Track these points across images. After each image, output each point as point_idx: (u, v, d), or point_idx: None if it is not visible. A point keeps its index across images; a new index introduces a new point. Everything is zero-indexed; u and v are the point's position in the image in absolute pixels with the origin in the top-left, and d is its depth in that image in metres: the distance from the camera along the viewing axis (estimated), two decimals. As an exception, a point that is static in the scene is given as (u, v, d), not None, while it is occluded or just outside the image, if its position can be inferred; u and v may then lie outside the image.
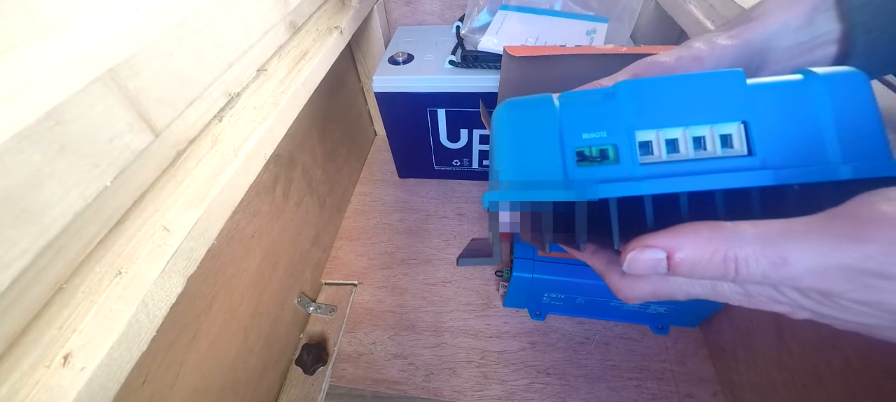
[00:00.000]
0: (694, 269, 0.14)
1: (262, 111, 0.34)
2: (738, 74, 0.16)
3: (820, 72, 0.16)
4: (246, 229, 0.40)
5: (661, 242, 0.14)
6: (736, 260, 0.13)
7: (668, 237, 0.14)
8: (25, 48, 0.21)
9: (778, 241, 0.13)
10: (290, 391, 0.48)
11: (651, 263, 0.14)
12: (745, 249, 0.13)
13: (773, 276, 0.13)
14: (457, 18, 0.62)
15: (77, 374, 0.19)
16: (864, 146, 0.15)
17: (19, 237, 0.19)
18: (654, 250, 0.14)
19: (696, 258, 0.14)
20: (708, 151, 0.16)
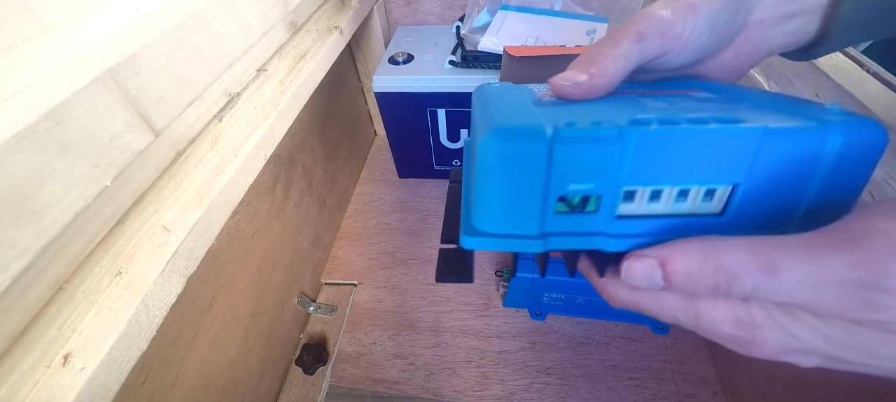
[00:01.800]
0: (688, 280, 0.14)
1: (263, 111, 0.34)
2: (758, 131, 0.14)
3: (836, 121, 0.14)
4: (246, 229, 0.40)
5: (654, 252, 0.15)
6: (726, 269, 0.13)
7: (660, 248, 0.15)
8: (25, 48, 0.21)
9: (768, 250, 0.13)
10: (290, 391, 0.48)
11: (646, 272, 0.15)
12: (734, 257, 0.13)
13: (764, 287, 0.13)
14: (457, 18, 0.62)
15: (77, 374, 0.19)
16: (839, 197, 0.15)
17: (19, 237, 0.19)
18: (648, 260, 0.15)
19: (689, 268, 0.14)
20: (687, 205, 0.15)
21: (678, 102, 0.17)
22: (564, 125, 0.15)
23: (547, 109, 0.17)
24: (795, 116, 0.15)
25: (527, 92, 0.20)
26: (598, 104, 0.18)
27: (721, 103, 0.17)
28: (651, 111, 0.16)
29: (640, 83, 0.21)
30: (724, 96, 0.18)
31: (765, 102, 0.17)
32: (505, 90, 0.20)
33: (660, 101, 0.17)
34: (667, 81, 0.21)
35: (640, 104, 0.17)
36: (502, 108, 0.18)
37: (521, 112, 0.17)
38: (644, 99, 0.18)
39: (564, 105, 0.18)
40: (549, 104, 0.18)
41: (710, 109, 0.16)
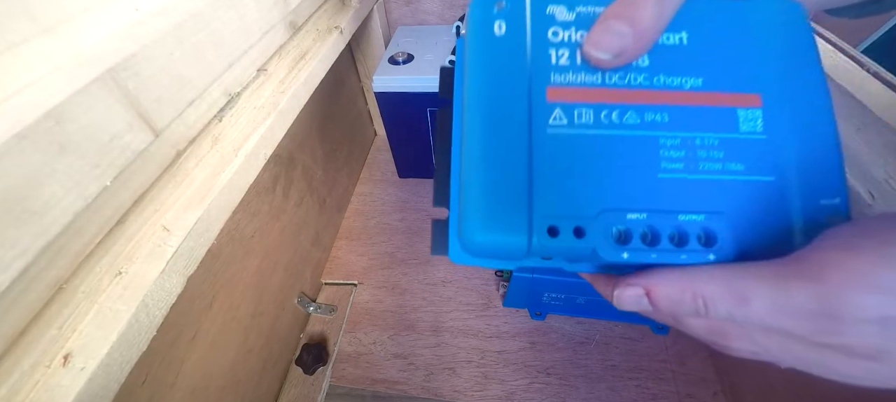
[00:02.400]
0: (671, 305, 0.15)
1: (263, 111, 0.34)
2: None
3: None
4: (246, 229, 0.40)
5: (640, 281, 0.16)
6: (703, 297, 0.14)
7: (645, 278, 0.16)
8: (25, 48, 0.21)
9: (738, 281, 0.14)
10: (290, 391, 0.48)
11: (635, 299, 0.16)
12: (710, 287, 0.14)
13: (737, 314, 0.14)
14: (457, 18, 0.62)
15: (77, 374, 0.19)
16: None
17: (19, 237, 0.19)
18: (636, 288, 0.16)
19: (671, 296, 0.15)
20: (679, 246, 0.16)
21: (695, 151, 0.17)
22: (546, 232, 0.16)
23: (543, 158, 0.17)
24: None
25: (534, 77, 0.18)
26: (609, 158, 0.17)
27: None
28: (667, 168, 0.17)
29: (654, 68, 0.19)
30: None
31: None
32: (501, 76, 0.18)
33: (679, 147, 0.17)
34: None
35: (656, 159, 0.17)
36: (490, 131, 0.17)
37: (509, 166, 0.17)
38: (662, 148, 0.17)
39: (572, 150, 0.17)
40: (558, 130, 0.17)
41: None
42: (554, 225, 0.16)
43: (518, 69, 0.17)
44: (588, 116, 0.17)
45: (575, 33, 0.18)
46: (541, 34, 0.18)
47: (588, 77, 0.17)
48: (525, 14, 0.18)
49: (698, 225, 0.16)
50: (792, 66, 0.17)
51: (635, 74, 0.17)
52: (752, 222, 0.16)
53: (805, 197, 0.16)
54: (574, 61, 0.18)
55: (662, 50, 0.18)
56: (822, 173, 0.16)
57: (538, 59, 0.18)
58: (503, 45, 0.18)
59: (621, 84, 0.17)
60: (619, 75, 0.17)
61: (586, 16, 0.18)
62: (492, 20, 0.18)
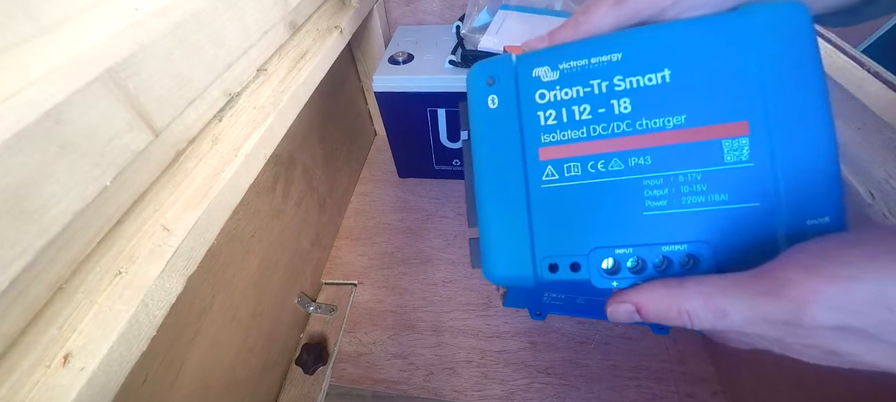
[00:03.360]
0: (659, 317, 0.17)
1: (262, 111, 0.34)
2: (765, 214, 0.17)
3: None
4: (246, 229, 0.40)
5: (630, 297, 0.18)
6: (687, 313, 0.16)
7: (634, 294, 0.18)
8: (25, 48, 0.21)
9: (716, 297, 0.16)
10: (290, 391, 0.48)
11: (626, 313, 0.18)
12: (692, 303, 0.16)
13: (719, 325, 0.16)
14: (457, 18, 0.62)
15: (77, 374, 0.19)
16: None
17: (19, 237, 0.19)
18: (626, 304, 0.18)
19: (658, 311, 0.17)
20: (663, 272, 0.18)
21: (678, 187, 0.18)
22: (548, 268, 0.19)
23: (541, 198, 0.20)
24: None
25: (526, 132, 0.20)
26: (598, 200, 0.19)
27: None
28: (651, 206, 0.18)
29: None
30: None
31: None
32: (493, 138, 0.21)
33: (662, 186, 0.18)
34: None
35: (640, 199, 0.18)
36: (490, 186, 0.20)
37: (508, 210, 0.20)
38: (646, 189, 0.18)
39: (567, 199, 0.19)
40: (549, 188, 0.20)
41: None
42: (554, 263, 0.19)
43: (513, 136, 0.20)
44: (576, 168, 0.19)
45: (560, 92, 0.19)
46: (529, 99, 0.20)
47: (575, 133, 0.19)
48: (514, 82, 0.20)
49: (681, 253, 0.18)
50: (790, 77, 0.17)
51: (618, 121, 0.18)
52: (734, 244, 0.17)
53: (791, 218, 0.17)
54: (560, 120, 0.19)
55: (645, 92, 0.18)
56: (814, 193, 0.17)
57: (529, 124, 0.20)
58: (498, 116, 0.20)
59: (606, 134, 0.19)
60: (603, 126, 0.19)
61: (570, 72, 0.19)
62: (485, 96, 0.20)
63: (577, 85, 0.19)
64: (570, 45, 0.20)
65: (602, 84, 0.19)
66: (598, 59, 0.19)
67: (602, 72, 0.19)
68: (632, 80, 0.18)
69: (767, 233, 0.17)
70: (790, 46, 0.17)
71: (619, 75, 0.18)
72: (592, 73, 0.19)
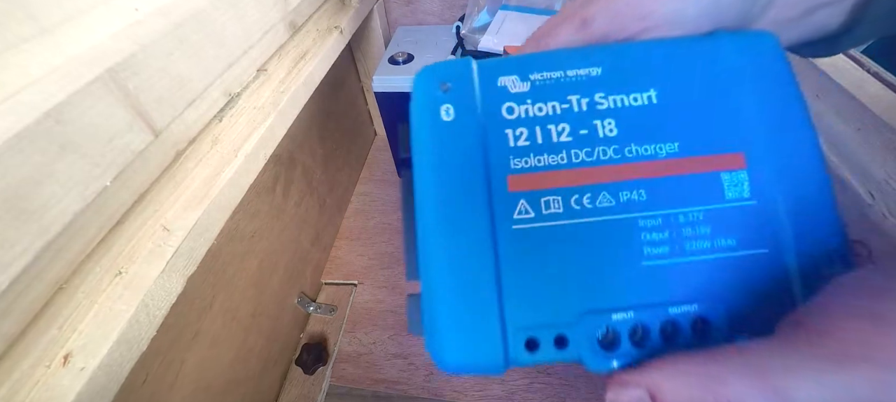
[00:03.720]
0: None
1: (262, 111, 0.34)
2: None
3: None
4: (246, 229, 0.40)
5: (640, 380, 0.13)
6: (728, 398, 0.12)
7: (649, 374, 0.13)
8: (25, 48, 0.21)
9: (770, 374, 0.11)
10: (290, 391, 0.48)
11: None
12: (736, 389, 0.12)
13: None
14: (457, 18, 0.62)
15: (77, 374, 0.19)
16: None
17: (19, 237, 0.19)
18: (636, 390, 0.13)
19: (684, 398, 0.12)
20: (670, 340, 0.15)
21: (679, 230, 0.15)
22: (524, 343, 0.14)
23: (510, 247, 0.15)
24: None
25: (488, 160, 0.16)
26: (586, 246, 0.15)
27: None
28: (651, 254, 0.15)
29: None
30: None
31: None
32: (446, 170, 0.16)
33: (661, 228, 0.15)
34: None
35: (638, 244, 0.15)
36: (444, 239, 0.15)
37: (468, 271, 0.15)
38: (643, 232, 0.15)
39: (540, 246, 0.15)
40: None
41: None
42: (532, 337, 0.14)
43: (473, 158, 0.15)
44: (557, 203, 0.15)
45: (532, 107, 0.16)
46: (495, 112, 0.16)
47: (553, 158, 0.15)
48: (474, 91, 0.16)
49: (690, 316, 0.14)
50: (772, 108, 0.15)
51: (604, 146, 0.15)
52: (747, 301, 0.14)
53: (803, 264, 0.14)
54: (534, 140, 0.16)
55: (631, 113, 0.16)
56: (817, 223, 0.15)
57: (495, 144, 0.16)
58: (453, 131, 0.16)
59: (591, 161, 0.15)
60: (586, 151, 0.15)
61: (543, 85, 0.16)
62: (438, 105, 0.16)
63: (553, 100, 0.16)
64: (540, 55, 0.17)
65: (582, 101, 0.16)
66: (576, 73, 0.16)
67: (581, 87, 0.16)
68: (615, 98, 0.16)
69: (782, 287, 0.14)
70: (766, 76, 0.16)
71: (601, 92, 0.16)
72: (570, 87, 0.16)
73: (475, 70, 0.17)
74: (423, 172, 0.16)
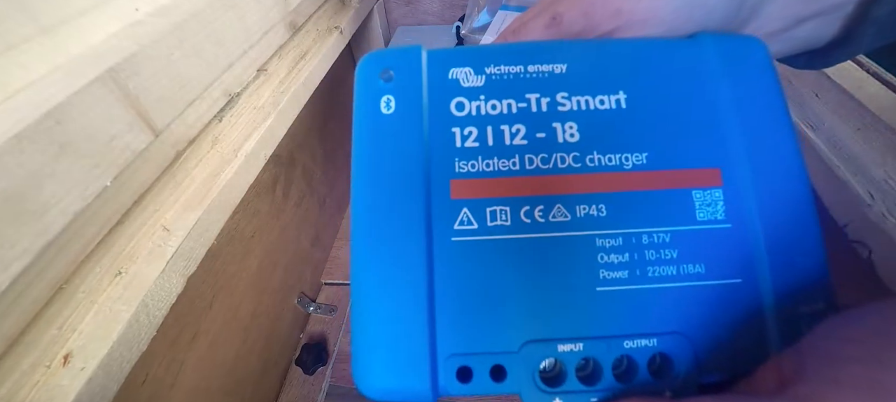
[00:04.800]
0: None
1: (263, 111, 0.34)
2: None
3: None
4: (246, 229, 0.40)
5: None
6: None
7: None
8: (25, 48, 0.21)
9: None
10: (290, 391, 0.48)
11: None
12: None
13: None
14: (457, 18, 0.62)
15: (77, 374, 0.19)
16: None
17: (19, 237, 0.19)
18: None
19: None
20: (624, 379, 0.13)
21: (642, 252, 0.13)
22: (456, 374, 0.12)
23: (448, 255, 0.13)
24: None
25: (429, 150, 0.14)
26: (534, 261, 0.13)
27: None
28: (607, 278, 0.13)
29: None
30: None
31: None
32: (386, 167, 0.14)
33: (621, 250, 0.13)
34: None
35: (593, 267, 0.13)
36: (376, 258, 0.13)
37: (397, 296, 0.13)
38: (599, 252, 0.13)
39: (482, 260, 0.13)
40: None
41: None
42: (465, 365, 0.12)
43: (413, 157, 0.14)
44: (504, 215, 0.13)
45: (486, 104, 0.14)
46: (442, 107, 0.14)
47: (503, 163, 0.14)
48: (421, 82, 0.15)
49: (649, 351, 0.12)
50: (754, 121, 0.14)
51: (563, 153, 0.14)
52: (716, 336, 0.13)
53: (780, 300, 0.13)
54: (485, 142, 0.14)
55: (596, 117, 0.14)
56: (798, 254, 0.13)
57: (439, 143, 0.14)
58: (393, 126, 0.14)
59: (546, 169, 0.14)
60: (542, 157, 0.14)
61: (500, 80, 0.15)
62: (378, 96, 0.14)
63: (510, 97, 0.14)
64: (501, 46, 0.15)
65: (542, 100, 0.14)
66: (537, 69, 0.14)
67: (542, 84, 0.14)
68: (580, 99, 0.14)
69: (755, 323, 0.13)
70: (750, 85, 0.14)
71: (564, 92, 0.14)
72: (529, 84, 0.14)
73: (424, 59, 0.15)
74: (358, 170, 0.14)
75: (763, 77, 0.14)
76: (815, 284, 0.13)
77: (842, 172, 0.33)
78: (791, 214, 0.13)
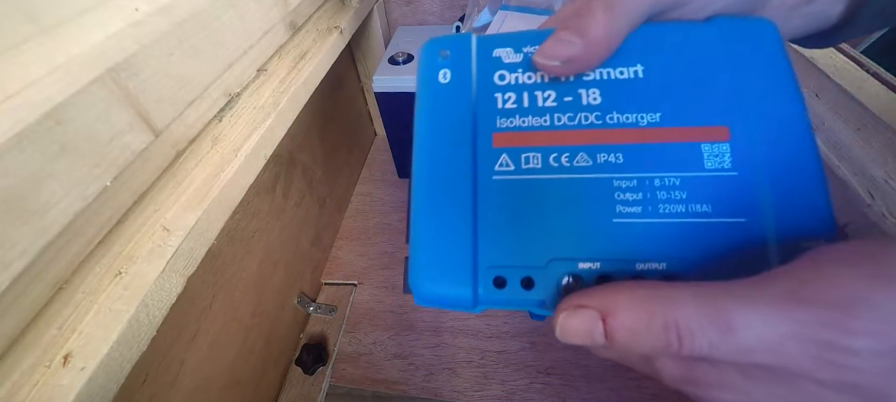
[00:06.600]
0: (633, 338, 0.12)
1: (263, 111, 0.34)
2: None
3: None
4: (246, 229, 0.40)
5: (595, 301, 0.13)
6: (677, 327, 0.11)
7: (602, 296, 0.13)
8: (25, 48, 0.21)
9: (722, 303, 0.11)
10: (290, 391, 0.48)
11: (585, 328, 0.13)
12: (686, 312, 0.11)
13: (721, 347, 0.11)
14: (457, 18, 0.62)
15: (77, 374, 0.19)
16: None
17: (19, 237, 0.19)
18: (588, 312, 0.13)
19: (634, 325, 0.12)
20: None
21: (654, 192, 0.16)
22: (492, 283, 0.15)
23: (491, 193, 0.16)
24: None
25: (482, 108, 0.17)
26: (561, 195, 0.16)
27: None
28: (623, 213, 0.15)
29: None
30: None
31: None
32: (445, 115, 0.18)
33: (635, 189, 0.16)
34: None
35: (610, 202, 0.15)
36: (431, 178, 0.17)
37: (451, 216, 0.16)
38: (617, 192, 0.16)
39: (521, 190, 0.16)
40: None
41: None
42: (500, 275, 0.15)
43: (463, 116, 0.17)
44: (536, 159, 0.16)
45: (522, 75, 0.17)
46: (487, 79, 0.18)
47: (537, 119, 0.17)
48: (471, 60, 0.18)
49: (658, 273, 0.14)
50: (765, 91, 0.16)
51: (586, 112, 0.16)
52: (720, 267, 0.14)
53: (783, 238, 0.14)
54: (521, 104, 0.17)
55: (615, 85, 0.17)
56: (804, 209, 0.15)
57: (484, 105, 0.17)
58: (448, 92, 0.18)
59: (572, 125, 0.16)
60: (569, 116, 0.16)
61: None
62: (437, 69, 0.18)
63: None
64: (534, 31, 0.18)
65: None
66: None
67: None
68: (602, 71, 0.17)
69: (757, 255, 0.14)
70: (761, 58, 0.16)
71: None
72: None
73: (474, 43, 0.18)
74: (419, 126, 0.18)
75: (771, 50, 0.16)
76: (817, 221, 0.14)
77: (842, 172, 0.33)
78: (797, 166, 0.15)
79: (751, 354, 0.11)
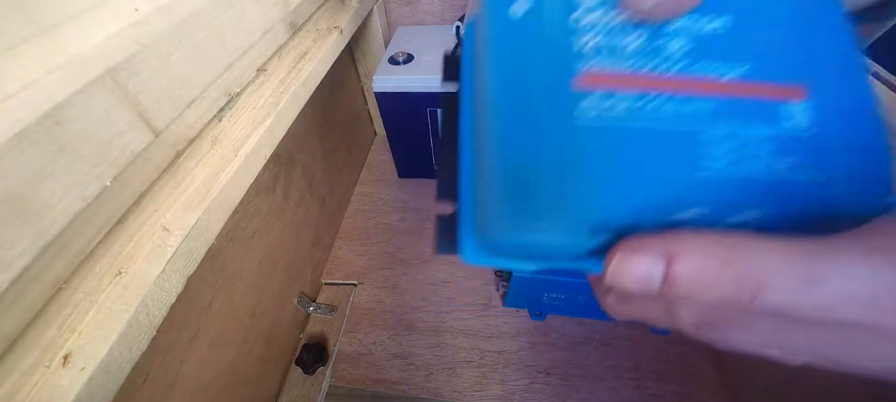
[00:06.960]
0: (697, 286, 0.11)
1: (263, 111, 0.34)
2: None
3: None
4: (246, 229, 0.40)
5: (656, 244, 0.11)
6: (755, 277, 0.10)
7: (666, 240, 0.11)
8: (25, 48, 0.21)
9: (813, 256, 0.10)
10: (290, 391, 0.48)
11: (644, 271, 0.11)
12: (766, 262, 0.10)
13: (801, 301, 0.10)
14: (457, 18, 0.62)
15: (77, 374, 0.19)
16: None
17: (19, 237, 0.19)
18: (649, 254, 0.11)
19: (702, 271, 0.11)
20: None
21: (740, 144, 0.15)
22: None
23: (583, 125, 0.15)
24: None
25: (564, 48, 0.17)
26: (646, 145, 0.15)
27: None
28: (709, 167, 0.15)
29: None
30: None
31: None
32: (525, 55, 0.16)
33: (722, 140, 0.15)
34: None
35: (697, 155, 0.15)
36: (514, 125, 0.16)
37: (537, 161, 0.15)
38: (703, 144, 0.15)
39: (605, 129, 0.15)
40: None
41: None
42: (597, 223, 0.14)
43: (540, 54, 0.16)
44: (621, 105, 0.15)
45: (608, 13, 0.16)
46: (568, 14, 0.16)
47: (622, 62, 0.16)
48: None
49: (751, 227, 0.14)
50: (833, 54, 0.16)
51: (673, 60, 0.16)
52: (799, 223, 0.14)
53: (855, 196, 0.14)
54: (604, 45, 0.16)
55: (703, 35, 0.16)
56: (872, 170, 0.15)
57: (564, 43, 0.16)
58: (522, 27, 0.16)
59: (654, 72, 0.16)
60: (657, 61, 0.16)
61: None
62: (509, 1, 0.17)
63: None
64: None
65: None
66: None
67: None
68: (690, 18, 0.16)
69: (832, 214, 0.14)
70: (833, 25, 0.17)
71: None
72: None
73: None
74: (492, 64, 0.16)
75: (840, 21, 0.17)
76: (883, 187, 0.15)
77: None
78: (866, 132, 0.15)
79: (832, 310, 0.10)
